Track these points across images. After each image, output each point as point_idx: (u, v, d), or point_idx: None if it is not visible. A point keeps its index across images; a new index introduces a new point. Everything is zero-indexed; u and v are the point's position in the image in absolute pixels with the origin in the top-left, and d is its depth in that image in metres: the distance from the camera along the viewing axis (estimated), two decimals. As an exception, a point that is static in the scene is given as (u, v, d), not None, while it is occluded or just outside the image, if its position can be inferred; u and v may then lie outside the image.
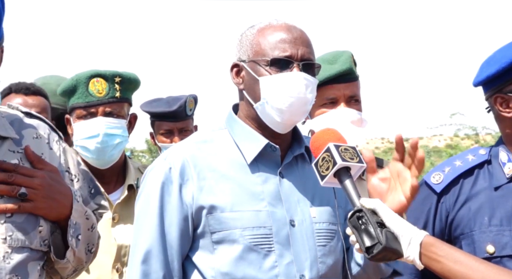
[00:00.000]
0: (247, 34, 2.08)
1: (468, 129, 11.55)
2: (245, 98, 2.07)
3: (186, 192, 1.98)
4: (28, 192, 1.96)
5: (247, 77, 2.06)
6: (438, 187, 2.28)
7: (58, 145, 2.20)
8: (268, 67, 2.01)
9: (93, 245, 2.22)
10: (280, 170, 2.06)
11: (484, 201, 2.23)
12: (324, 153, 1.89)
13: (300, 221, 2.02)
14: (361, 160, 1.90)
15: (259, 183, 2.02)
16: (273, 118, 2.02)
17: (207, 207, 1.97)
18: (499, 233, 2.18)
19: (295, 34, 2.04)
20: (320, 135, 1.95)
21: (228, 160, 2.03)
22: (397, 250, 1.78)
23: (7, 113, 2.13)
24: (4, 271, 1.93)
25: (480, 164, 2.29)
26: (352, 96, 2.84)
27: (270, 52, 2.01)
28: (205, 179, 1.99)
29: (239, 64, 2.08)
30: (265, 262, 1.96)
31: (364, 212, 1.80)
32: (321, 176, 1.89)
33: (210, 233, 1.97)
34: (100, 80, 2.95)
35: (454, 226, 2.26)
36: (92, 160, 2.98)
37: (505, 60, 2.16)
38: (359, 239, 1.79)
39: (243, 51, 2.07)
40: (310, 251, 2.01)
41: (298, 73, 2.00)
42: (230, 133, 2.08)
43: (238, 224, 1.96)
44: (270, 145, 2.04)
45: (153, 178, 2.02)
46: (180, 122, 3.72)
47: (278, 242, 1.98)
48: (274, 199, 2.01)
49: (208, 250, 1.98)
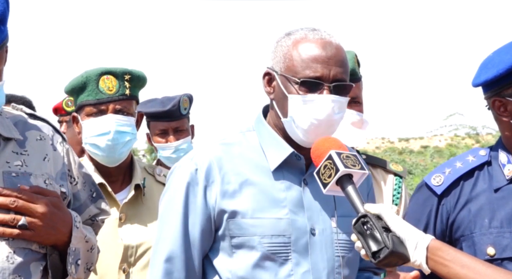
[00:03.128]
0: (282, 44, 2.05)
1: (468, 129, 11.49)
2: (275, 108, 2.07)
3: (211, 194, 2.00)
4: (29, 221, 1.96)
5: (277, 89, 2.05)
6: (438, 189, 2.28)
7: (62, 146, 2.20)
8: (297, 86, 1.99)
9: (91, 264, 2.23)
10: (305, 177, 2.05)
11: (484, 203, 2.22)
12: (326, 160, 1.88)
13: (321, 230, 2.02)
14: (363, 167, 1.89)
15: (282, 189, 2.02)
16: (298, 135, 2.02)
17: (228, 211, 1.99)
18: (499, 235, 2.18)
19: (329, 53, 1.99)
20: (321, 143, 1.94)
21: (253, 164, 2.04)
22: (403, 255, 1.78)
23: (11, 114, 2.13)
24: (8, 271, 1.94)
25: (480, 166, 2.29)
26: (354, 98, 2.82)
27: (301, 71, 1.98)
28: (229, 183, 2.00)
29: (272, 74, 2.06)
30: (281, 270, 1.97)
31: (369, 217, 1.80)
32: (323, 184, 1.89)
33: (230, 237, 1.99)
34: (110, 77, 2.92)
35: (455, 228, 2.26)
36: (102, 158, 2.95)
37: (503, 66, 2.15)
38: (364, 245, 1.79)
39: (276, 61, 2.05)
40: (328, 261, 2.01)
41: (327, 96, 1.98)
42: (257, 136, 2.09)
43: (258, 231, 1.97)
44: (295, 154, 2.04)
45: (178, 177, 2.03)
46: (175, 121, 3.70)
47: (296, 251, 1.98)
48: (296, 206, 2.01)
49: (227, 253, 2.01)
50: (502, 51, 2.22)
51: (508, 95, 2.18)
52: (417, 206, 2.34)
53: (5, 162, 2.02)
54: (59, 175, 2.16)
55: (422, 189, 2.34)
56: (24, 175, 2.03)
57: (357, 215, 1.82)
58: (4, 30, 1.97)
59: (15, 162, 2.03)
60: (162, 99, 3.74)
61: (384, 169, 3.04)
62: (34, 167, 2.07)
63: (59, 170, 2.16)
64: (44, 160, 2.11)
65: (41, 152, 2.11)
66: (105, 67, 2.96)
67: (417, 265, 1.81)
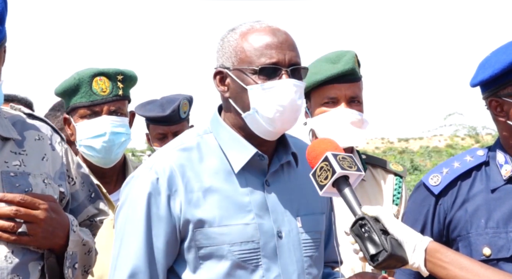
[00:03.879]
0: (229, 39, 1.99)
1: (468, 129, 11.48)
2: (231, 106, 1.99)
3: (175, 203, 1.91)
4: (28, 227, 1.97)
5: (233, 85, 1.97)
6: (436, 189, 2.28)
7: (61, 146, 2.20)
8: (255, 76, 1.93)
9: (89, 267, 2.24)
10: (267, 178, 2.00)
11: (481, 203, 2.23)
12: (322, 162, 1.86)
13: (287, 232, 1.98)
14: (359, 168, 1.87)
15: (246, 193, 1.96)
16: (264, 127, 1.95)
17: (194, 221, 1.91)
18: (495, 236, 2.18)
19: (280, 38, 1.96)
20: (316, 145, 1.92)
21: (215, 169, 1.97)
22: (402, 257, 1.77)
23: (9, 114, 2.13)
24: (6, 270, 1.95)
25: (478, 166, 2.29)
26: (354, 97, 2.81)
27: (256, 60, 1.93)
28: (192, 192, 1.92)
29: (223, 71, 1.99)
30: (252, 278, 1.92)
31: (366, 219, 1.78)
32: (319, 186, 1.86)
33: (196, 248, 1.91)
34: (103, 78, 2.92)
35: (452, 228, 2.26)
36: (98, 159, 2.95)
37: (499, 66, 2.15)
38: (363, 248, 1.78)
39: (226, 57, 1.99)
40: (297, 263, 1.98)
41: (287, 80, 1.93)
42: (216, 139, 2.01)
43: (227, 239, 1.91)
44: (258, 154, 1.98)
45: (138, 188, 1.93)
46: (174, 125, 3.66)
47: (265, 256, 1.94)
48: (261, 209, 1.96)
49: (193, 265, 1.93)
50: (500, 51, 2.22)
51: (504, 95, 2.18)
52: (415, 206, 2.34)
53: (4, 162, 2.02)
54: (57, 175, 2.16)
55: (420, 189, 2.34)
56: (22, 175, 2.03)
57: (355, 218, 1.81)
58: (2, 30, 1.97)
59: (13, 162, 2.03)
60: (162, 101, 3.70)
61: (384, 169, 3.03)
62: (33, 167, 2.07)
63: (57, 170, 2.16)
64: (43, 160, 2.11)
65: (40, 152, 2.11)
66: (97, 68, 2.96)
67: (416, 268, 1.80)
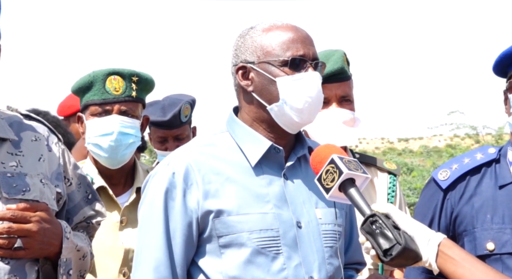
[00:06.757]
0: (252, 36, 2.05)
1: (468, 129, 11.43)
2: (254, 100, 2.04)
3: (191, 197, 1.96)
4: (24, 241, 1.98)
5: (258, 78, 2.02)
6: (444, 184, 2.29)
7: (57, 147, 2.20)
8: (283, 68, 1.99)
9: (85, 271, 2.24)
10: (284, 171, 2.04)
11: (488, 199, 2.23)
12: (328, 165, 1.85)
13: (306, 223, 2.00)
14: (365, 171, 1.87)
15: (264, 185, 2.00)
16: (291, 118, 2.01)
17: (213, 211, 1.95)
18: (500, 231, 2.18)
19: (303, 33, 2.03)
20: (321, 150, 1.93)
21: (232, 163, 2.01)
22: (415, 252, 1.75)
23: (6, 114, 2.13)
24: (4, 271, 1.96)
25: (488, 163, 2.29)
26: (344, 96, 2.82)
27: (283, 53, 1.99)
28: (210, 183, 1.97)
29: (247, 66, 2.04)
30: (273, 265, 1.94)
31: (377, 216, 1.77)
32: (326, 189, 1.85)
33: (217, 237, 1.95)
34: (117, 78, 2.90)
35: (458, 223, 2.27)
36: (104, 159, 2.92)
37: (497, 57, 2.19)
38: (374, 244, 1.76)
39: (250, 52, 2.04)
40: (318, 253, 2.00)
41: (314, 73, 2.01)
42: (232, 136, 2.06)
43: (245, 227, 1.94)
44: (274, 147, 2.03)
45: (156, 184, 2.00)
46: (175, 129, 3.63)
47: (286, 244, 1.96)
48: (279, 201, 1.99)
49: (215, 255, 1.97)
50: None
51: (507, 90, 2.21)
52: (424, 201, 2.35)
53: (0, 162, 2.02)
54: (54, 176, 2.17)
55: (430, 184, 2.35)
56: (19, 176, 2.04)
57: (364, 216, 1.79)
58: None
59: (10, 162, 2.03)
60: (163, 103, 3.65)
61: (378, 168, 3.04)
62: (29, 167, 2.07)
63: (54, 171, 2.17)
64: (39, 161, 2.12)
65: (36, 153, 2.11)
66: (113, 68, 2.94)
67: (427, 264, 1.78)
